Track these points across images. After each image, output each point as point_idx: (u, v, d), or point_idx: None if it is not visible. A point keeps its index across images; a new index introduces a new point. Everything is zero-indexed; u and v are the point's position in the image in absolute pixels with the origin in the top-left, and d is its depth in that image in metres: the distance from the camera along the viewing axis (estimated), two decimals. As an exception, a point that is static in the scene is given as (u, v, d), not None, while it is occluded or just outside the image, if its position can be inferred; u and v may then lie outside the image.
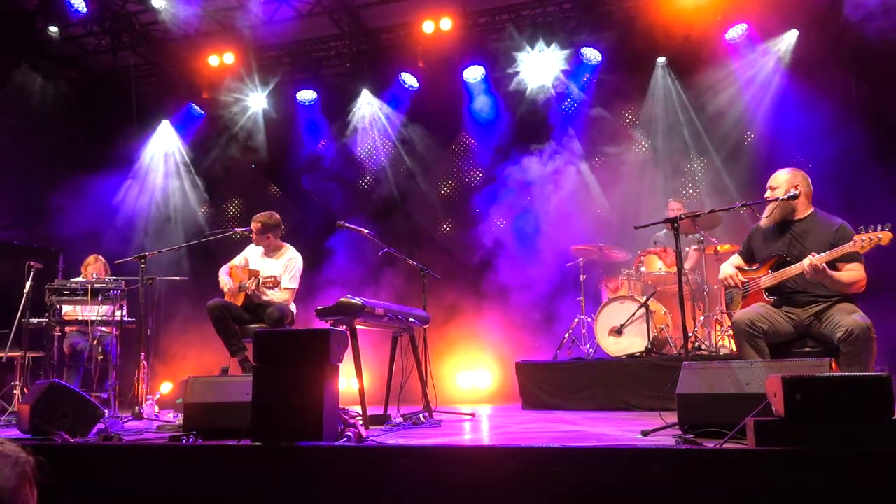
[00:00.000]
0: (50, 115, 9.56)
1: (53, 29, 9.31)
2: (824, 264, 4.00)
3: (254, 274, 5.95)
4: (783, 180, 4.38)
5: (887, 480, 2.40)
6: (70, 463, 3.23)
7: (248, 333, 5.79)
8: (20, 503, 1.44)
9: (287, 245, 6.29)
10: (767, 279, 4.32)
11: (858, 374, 3.61)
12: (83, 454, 3.31)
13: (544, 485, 2.72)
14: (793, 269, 4.18)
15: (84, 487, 3.13)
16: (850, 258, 4.08)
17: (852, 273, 4.09)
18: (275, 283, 5.70)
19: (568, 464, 2.71)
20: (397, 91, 9.66)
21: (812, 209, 4.37)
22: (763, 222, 4.46)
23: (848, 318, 3.95)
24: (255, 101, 10.12)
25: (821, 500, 2.44)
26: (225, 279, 6.05)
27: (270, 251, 6.21)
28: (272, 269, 6.07)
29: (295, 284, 6.09)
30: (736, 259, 4.69)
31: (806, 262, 4.03)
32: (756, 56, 8.28)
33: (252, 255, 6.28)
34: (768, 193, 4.42)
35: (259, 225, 6.10)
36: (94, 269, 7.11)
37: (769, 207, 4.42)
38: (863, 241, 3.93)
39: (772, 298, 4.30)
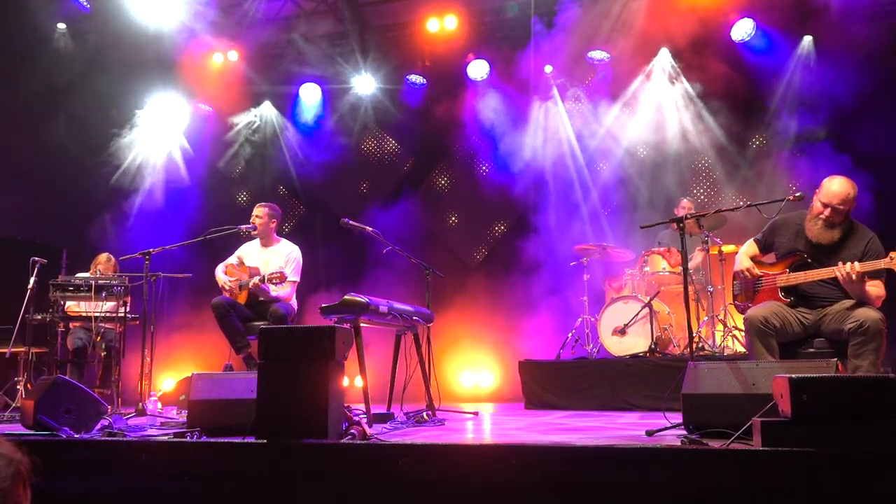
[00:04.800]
0: (53, 111, 9.56)
1: (61, 26, 9.33)
2: (864, 274, 3.96)
3: (254, 272, 5.96)
4: (851, 194, 4.15)
5: (894, 483, 2.39)
6: (74, 459, 3.23)
7: (251, 330, 5.80)
8: (12, 503, 1.41)
9: (283, 239, 6.34)
10: (785, 278, 4.28)
11: (865, 375, 3.61)
12: (87, 450, 3.31)
13: (547, 484, 2.71)
14: (821, 273, 4.13)
15: (88, 483, 3.13)
16: (877, 274, 4.06)
17: (878, 289, 4.09)
18: (281, 279, 5.70)
19: (571, 463, 2.70)
20: (403, 89, 9.65)
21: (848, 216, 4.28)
22: (812, 234, 4.24)
23: (859, 310, 3.96)
24: (260, 99, 10.12)
25: (827, 502, 2.43)
26: (223, 277, 6.05)
27: (269, 244, 6.23)
28: (272, 263, 6.08)
29: (297, 277, 6.11)
30: (751, 247, 4.61)
31: (845, 268, 3.98)
32: (767, 54, 8.22)
33: (248, 253, 6.28)
34: (828, 214, 4.16)
35: (268, 209, 6.21)
36: (104, 267, 7.10)
37: (813, 215, 4.25)
38: None
39: (788, 299, 4.28)
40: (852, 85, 7.38)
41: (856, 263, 3.98)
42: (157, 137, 10.34)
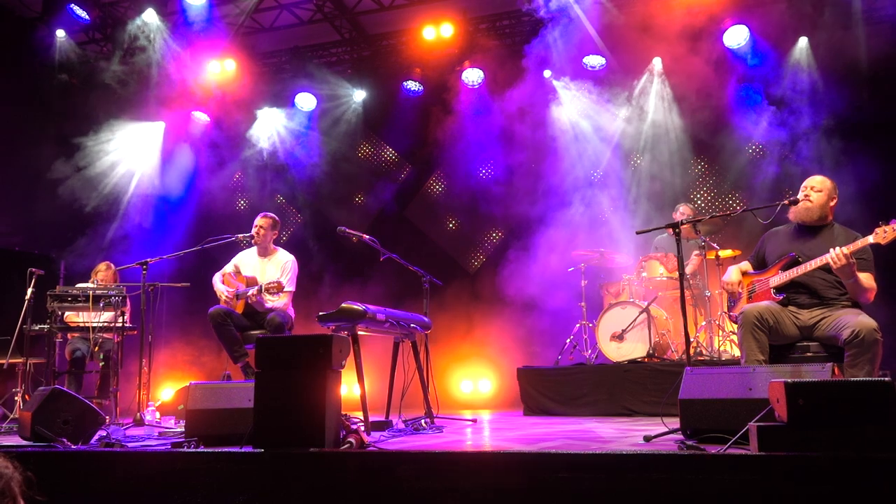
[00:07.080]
0: (50, 122, 9.59)
1: (61, 33, 9.36)
2: (853, 256, 3.99)
3: (251, 281, 5.97)
4: (826, 184, 4.36)
5: (890, 486, 2.40)
6: (72, 470, 3.23)
7: (249, 339, 5.81)
8: None
9: (279, 248, 6.35)
10: (778, 277, 4.31)
11: (862, 379, 3.61)
12: (85, 461, 3.30)
13: (546, 491, 2.71)
14: (812, 264, 4.16)
15: (86, 494, 3.13)
16: (865, 266, 4.10)
17: (869, 281, 4.11)
18: (279, 288, 5.71)
19: (570, 470, 2.70)
20: (400, 96, 9.69)
21: (832, 219, 4.40)
22: (793, 215, 4.42)
23: (854, 319, 3.95)
24: (257, 107, 10.15)
25: (824, 506, 2.43)
26: (220, 287, 6.06)
27: (266, 253, 6.26)
28: (269, 272, 6.09)
29: (293, 287, 6.12)
30: (744, 264, 4.68)
31: (832, 252, 4.01)
32: (762, 59, 8.24)
33: (244, 262, 6.29)
34: (806, 193, 4.37)
35: (270, 220, 6.26)
36: (103, 276, 7.09)
37: (797, 210, 4.40)
38: (885, 232, 3.92)
39: (780, 295, 4.30)
40: (849, 89, 7.41)
41: (839, 248, 4.03)
42: (152, 148, 10.35)
